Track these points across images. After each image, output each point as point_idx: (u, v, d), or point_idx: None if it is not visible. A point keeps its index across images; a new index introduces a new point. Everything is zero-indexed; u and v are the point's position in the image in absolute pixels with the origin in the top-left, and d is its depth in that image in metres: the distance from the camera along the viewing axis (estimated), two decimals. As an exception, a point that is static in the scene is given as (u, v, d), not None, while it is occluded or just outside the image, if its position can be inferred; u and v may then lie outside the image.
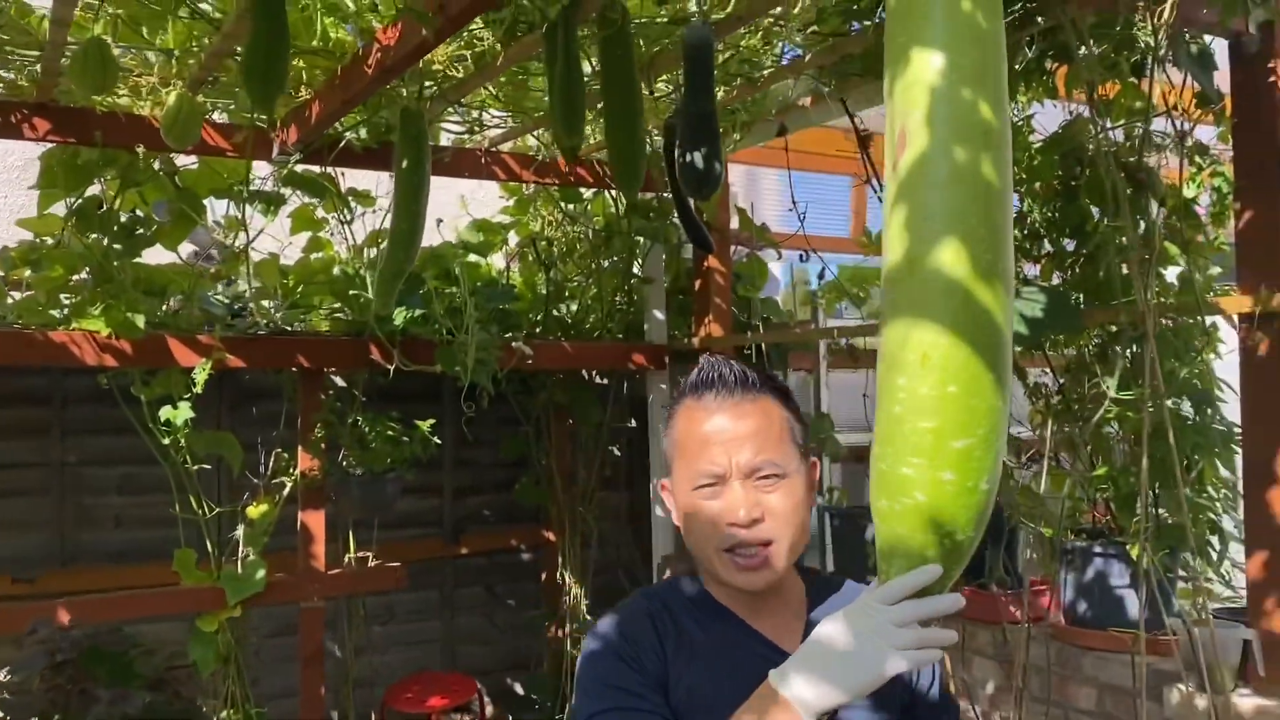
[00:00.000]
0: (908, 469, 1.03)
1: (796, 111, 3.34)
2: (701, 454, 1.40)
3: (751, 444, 1.38)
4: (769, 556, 1.37)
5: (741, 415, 1.40)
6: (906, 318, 1.04)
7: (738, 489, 1.37)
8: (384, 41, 2.50)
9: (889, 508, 1.07)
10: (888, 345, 1.07)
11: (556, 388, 4.70)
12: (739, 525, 1.36)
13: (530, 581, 5.13)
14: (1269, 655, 2.44)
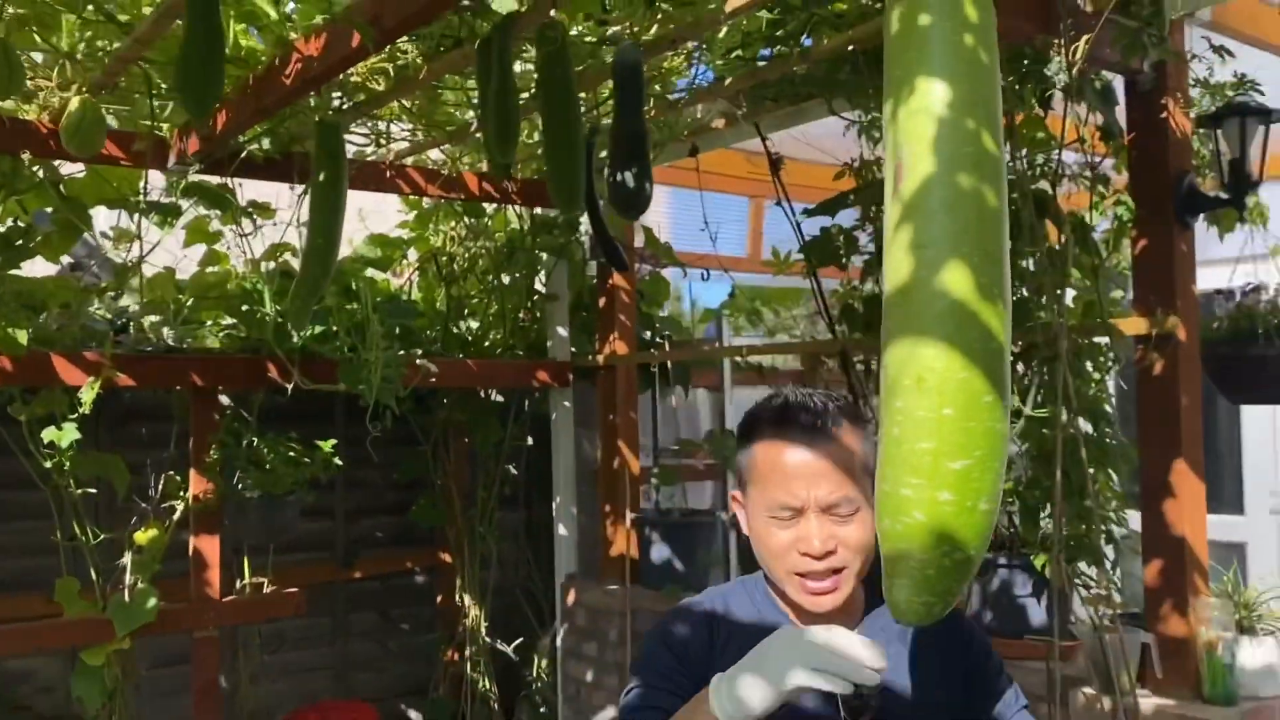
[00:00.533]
0: (907, 490, 1.05)
1: (709, 133, 3.39)
2: (781, 486, 1.43)
3: (829, 480, 1.41)
4: (838, 583, 1.43)
5: (822, 451, 1.42)
6: (906, 341, 1.07)
7: (813, 521, 1.41)
8: (306, 52, 2.42)
9: (891, 527, 1.09)
10: (889, 369, 1.09)
11: (455, 406, 4.62)
12: (812, 555, 1.41)
13: (425, 605, 5.02)
14: (1165, 657, 2.58)
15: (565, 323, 4.39)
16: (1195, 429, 2.63)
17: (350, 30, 2.25)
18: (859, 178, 3.09)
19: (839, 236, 3.07)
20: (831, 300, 3.43)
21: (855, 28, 2.55)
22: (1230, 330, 2.88)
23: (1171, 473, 2.59)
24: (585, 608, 4.28)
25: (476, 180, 3.92)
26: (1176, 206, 2.61)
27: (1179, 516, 2.59)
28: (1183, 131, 2.65)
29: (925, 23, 1.07)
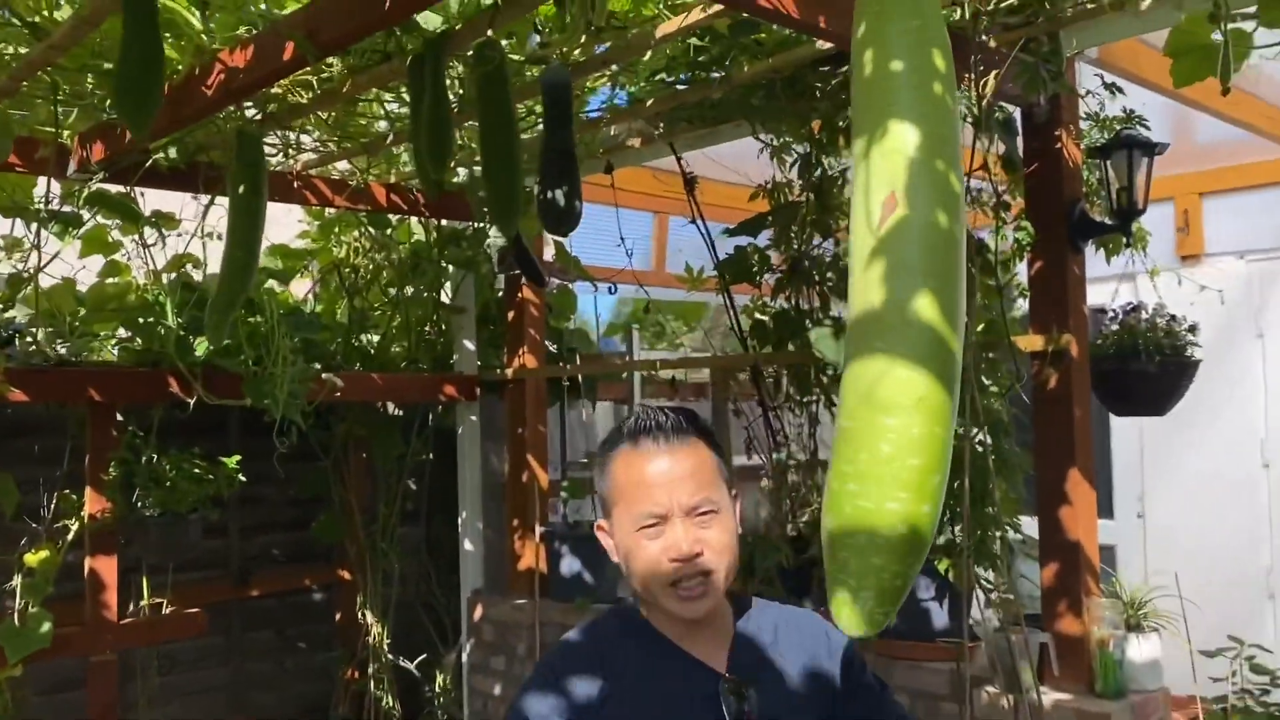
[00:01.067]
0: (894, 504, 1.11)
1: (624, 150, 3.44)
2: (643, 496, 1.48)
3: (689, 484, 1.48)
4: (709, 587, 1.47)
5: (678, 458, 1.49)
6: (885, 359, 1.13)
7: (679, 526, 1.46)
8: (231, 63, 2.38)
9: (870, 542, 1.14)
10: (860, 384, 1.15)
11: (356, 421, 4.56)
12: (681, 560, 1.45)
13: (323, 622, 4.93)
14: (1062, 655, 2.75)
15: (472, 336, 4.38)
16: (1087, 440, 2.81)
17: (281, 43, 2.23)
18: (773, 199, 3.20)
19: (754, 255, 3.16)
20: (741, 315, 3.52)
21: (775, 56, 2.65)
22: (1114, 347, 3.08)
23: (1066, 481, 2.76)
24: (492, 622, 4.27)
25: (385, 191, 3.89)
26: (1070, 231, 2.79)
27: (1073, 522, 2.76)
28: (1074, 161, 2.84)
29: (897, 68, 1.14)
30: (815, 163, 3.06)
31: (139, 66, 1.81)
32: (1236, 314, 4.86)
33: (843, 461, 1.11)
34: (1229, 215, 5.08)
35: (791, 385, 3.35)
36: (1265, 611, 4.93)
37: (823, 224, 3.11)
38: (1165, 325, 3.08)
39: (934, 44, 1.17)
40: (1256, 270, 5.02)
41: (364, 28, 2.10)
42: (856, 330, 1.17)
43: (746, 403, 3.77)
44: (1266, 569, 4.98)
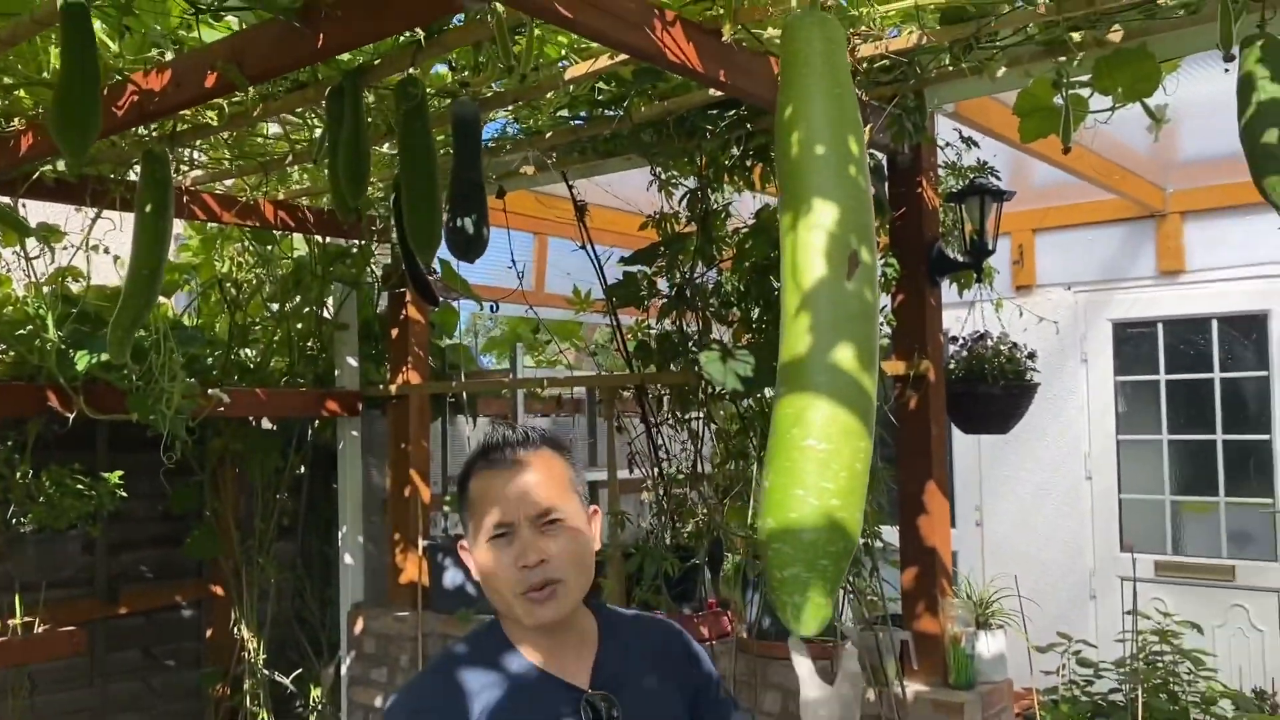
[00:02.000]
0: (859, 512, 1.32)
1: (515, 176, 3.58)
2: (492, 508, 1.53)
3: (535, 493, 1.53)
4: (556, 591, 1.51)
5: (525, 469, 1.55)
6: (803, 396, 1.33)
7: (526, 535, 1.50)
8: (146, 85, 2.42)
9: (844, 549, 1.32)
10: (785, 417, 1.35)
11: (232, 435, 4.53)
12: (529, 566, 1.49)
13: (191, 639, 4.85)
14: (920, 651, 3.03)
15: (355, 352, 4.43)
16: (942, 455, 3.12)
17: (203, 70, 2.29)
18: (661, 230, 3.40)
19: (644, 281, 3.35)
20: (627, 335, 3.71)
21: (670, 99, 2.85)
22: (964, 371, 3.41)
23: (925, 493, 3.05)
24: (374, 635, 4.32)
25: (273, 208, 3.91)
26: (929, 268, 3.09)
27: (930, 530, 3.05)
28: (933, 205, 3.14)
29: (820, 151, 1.35)
30: (702, 197, 3.27)
31: (81, 99, 1.85)
32: (1064, 340, 5.35)
33: (823, 479, 1.28)
34: (1058, 250, 5.59)
35: (674, 404, 3.55)
36: (1088, 610, 5.43)
37: (707, 254, 3.33)
38: (1008, 352, 3.43)
39: (850, 129, 1.38)
40: (1082, 300, 5.54)
41: (293, 62, 2.19)
42: (796, 371, 1.37)
43: (629, 418, 3.96)
44: (1090, 572, 5.48)
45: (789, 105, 1.39)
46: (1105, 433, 5.49)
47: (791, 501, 1.36)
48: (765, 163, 3.19)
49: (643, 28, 2.09)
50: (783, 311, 1.38)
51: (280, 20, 2.07)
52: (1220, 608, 5.12)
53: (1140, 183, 4.91)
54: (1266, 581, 5.04)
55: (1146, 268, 5.35)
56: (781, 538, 1.32)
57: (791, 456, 1.36)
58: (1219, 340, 5.25)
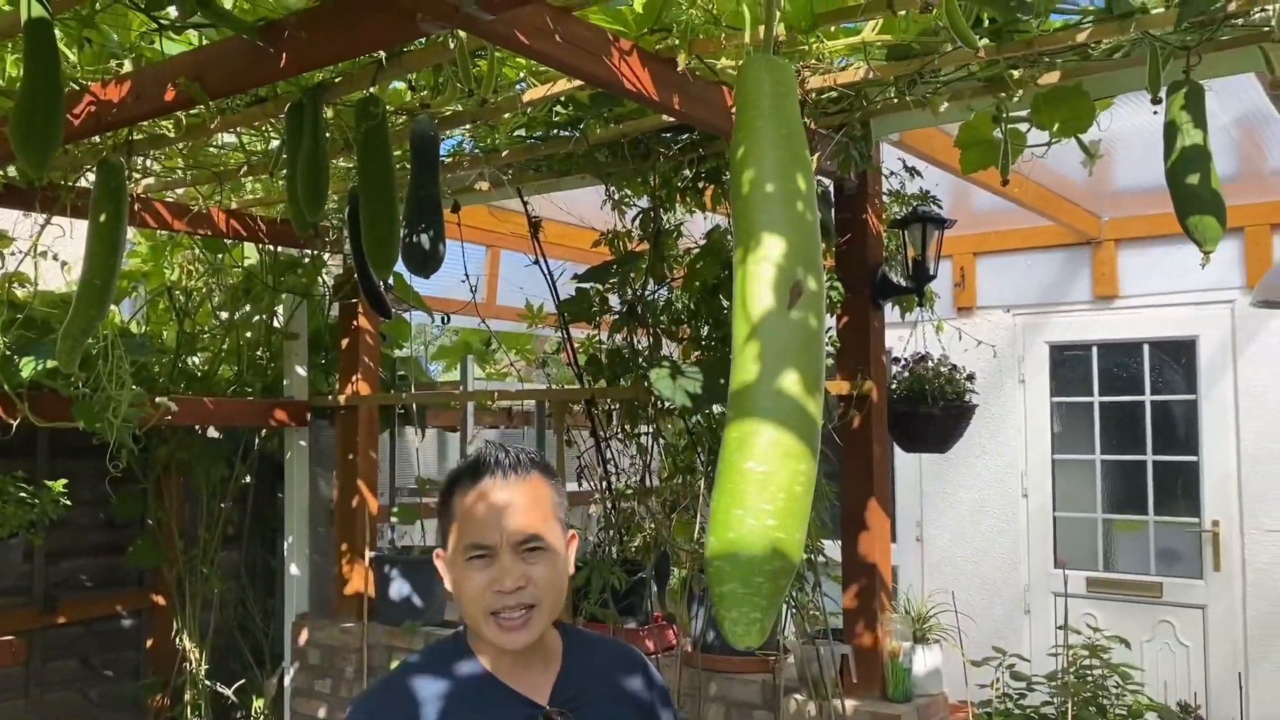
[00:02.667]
0: (799, 533, 1.37)
1: (471, 192, 3.62)
2: (476, 528, 1.54)
3: (520, 520, 1.53)
4: (529, 619, 1.53)
5: (513, 494, 1.55)
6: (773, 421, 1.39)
7: (506, 559, 1.51)
8: (104, 96, 2.43)
9: (782, 567, 1.38)
10: (733, 440, 1.41)
11: (177, 444, 4.50)
12: (505, 591, 1.51)
13: (131, 650, 4.80)
14: (860, 665, 3.11)
15: (304, 362, 4.42)
16: (884, 473, 3.21)
17: (163, 83, 2.31)
18: (613, 247, 3.46)
19: (596, 297, 3.41)
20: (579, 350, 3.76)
21: (625, 123, 2.91)
22: (905, 391, 3.51)
23: (866, 510, 3.14)
24: (318, 646, 4.31)
25: (225, 217, 3.91)
26: (872, 291, 3.18)
27: (871, 546, 3.14)
28: (877, 230, 3.24)
29: (770, 189, 1.41)
30: (655, 216, 3.34)
31: (43, 111, 1.86)
32: (1003, 361, 5.50)
33: (761, 500, 1.34)
34: (998, 273, 5.75)
35: (624, 418, 3.61)
36: (1023, 625, 5.57)
37: (658, 272, 3.40)
38: (948, 374, 3.53)
39: (799, 168, 1.45)
40: (1020, 322, 5.70)
41: (256, 80, 2.22)
42: (744, 396, 1.43)
43: (579, 432, 4.00)
44: (1024, 587, 5.63)
45: (741, 146, 1.46)
46: (1041, 452, 5.64)
47: (731, 521, 1.42)
48: (716, 185, 3.26)
49: (601, 57, 2.15)
50: (734, 341, 1.45)
51: (243, 38, 2.10)
52: (1148, 623, 5.28)
53: (1077, 210, 5.07)
54: (1192, 598, 5.22)
55: (1082, 292, 5.53)
56: (721, 555, 1.38)
57: (733, 478, 1.42)
58: (1150, 364, 5.43)
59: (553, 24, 2.02)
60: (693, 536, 3.41)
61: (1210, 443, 5.20)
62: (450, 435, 5.35)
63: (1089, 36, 2.28)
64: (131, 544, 4.56)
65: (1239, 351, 5.13)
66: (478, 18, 1.82)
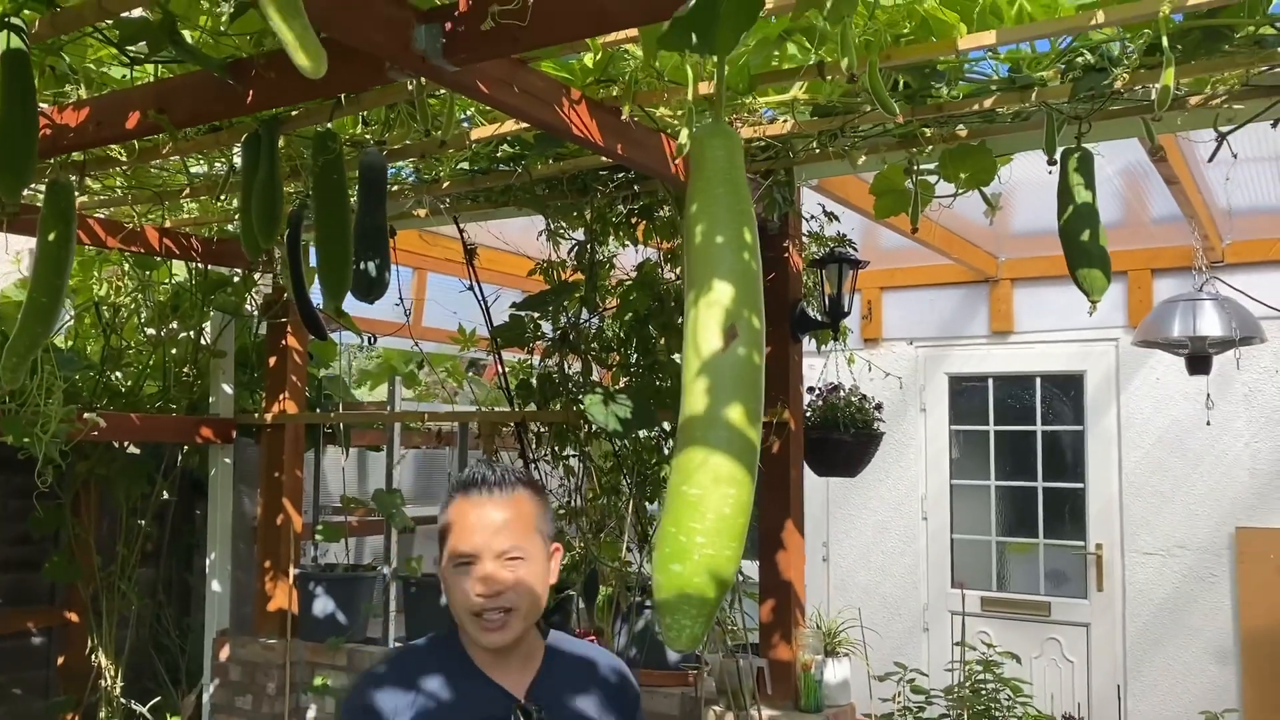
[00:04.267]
0: (729, 550, 1.53)
1: (409, 218, 3.73)
2: (463, 537, 1.75)
3: (503, 532, 1.74)
4: (507, 621, 1.73)
5: (497, 507, 1.77)
6: (700, 450, 1.56)
7: (488, 566, 1.72)
8: (60, 121, 2.49)
9: (706, 580, 1.54)
10: (696, 463, 1.57)
11: (99, 459, 4.47)
12: (485, 595, 1.71)
13: (39, 668, 4.73)
14: (775, 678, 3.29)
15: (231, 380, 4.45)
16: (800, 497, 3.41)
17: (124, 110, 2.38)
18: (548, 277, 3.61)
19: (530, 324, 3.55)
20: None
21: (566, 160, 3.07)
22: (819, 420, 3.72)
23: (783, 530, 3.33)
24: (239, 663, 4.32)
25: (158, 235, 3.94)
26: (792, 325, 3.39)
27: (787, 565, 3.33)
28: (797, 269, 3.45)
29: (720, 241, 1.59)
30: (590, 249, 3.50)
31: (18, 139, 1.94)
32: (906, 390, 5.80)
33: (692, 520, 1.51)
34: (903, 307, 6.06)
35: (553, 441, 3.75)
36: (922, 641, 5.86)
37: (591, 301, 3.55)
38: (858, 403, 3.76)
39: (745, 222, 1.63)
40: (922, 354, 6.01)
41: (219, 114, 2.32)
42: (688, 425, 1.59)
43: (507, 453, 4.12)
44: (923, 606, 5.92)
45: (695, 202, 1.64)
46: (940, 477, 5.95)
47: (667, 539, 1.59)
48: (649, 220, 3.44)
49: (553, 105, 2.31)
50: (684, 376, 1.61)
51: (209, 73, 2.20)
52: (1037, 640, 5.61)
53: (976, 251, 5.40)
54: (1077, 617, 5.57)
55: (980, 327, 5.87)
56: (660, 570, 1.55)
57: (673, 501, 1.59)
58: (1042, 396, 5.79)
59: (510, 75, 2.17)
60: (618, 555, 3.56)
61: (1095, 471, 5.56)
62: (372, 454, 5.41)
63: (994, 103, 2.52)
64: (44, 559, 4.51)
65: (1122, 386, 5.51)
66: (443, 68, 1.96)
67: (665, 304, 3.41)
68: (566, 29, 1.85)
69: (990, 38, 2.16)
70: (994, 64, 2.54)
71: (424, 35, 1.88)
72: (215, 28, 2.12)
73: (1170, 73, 2.07)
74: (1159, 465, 5.40)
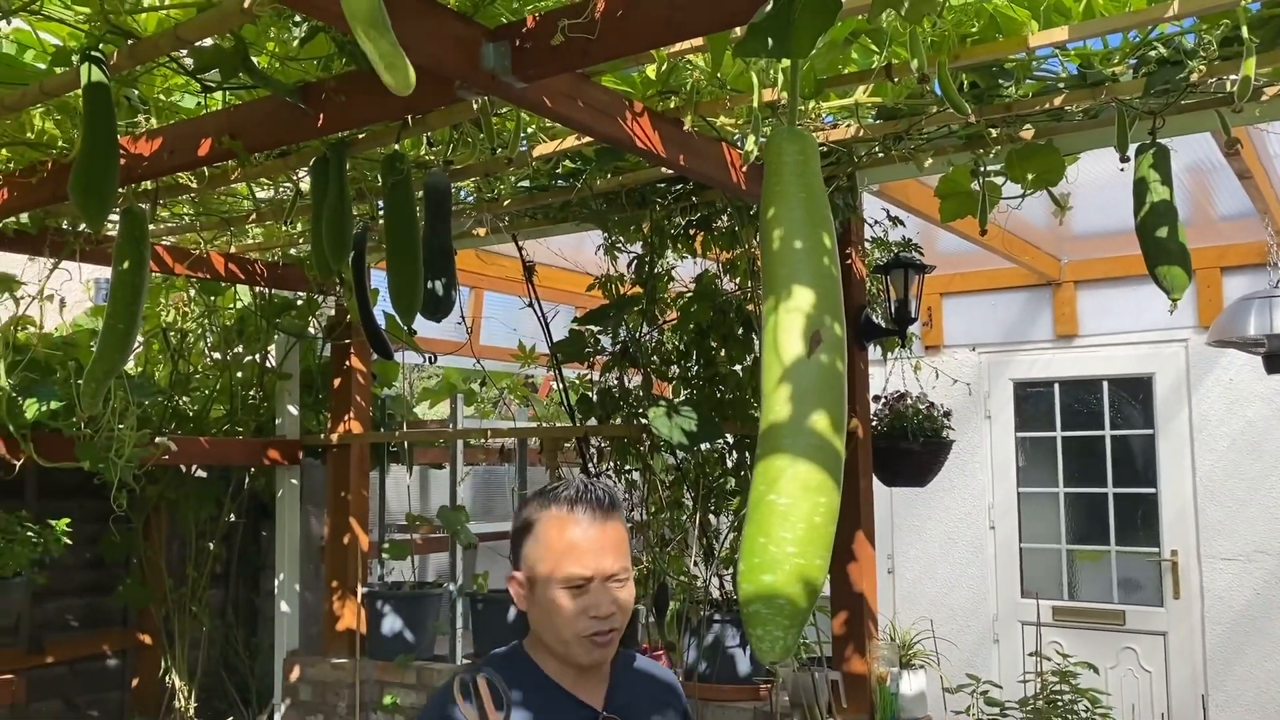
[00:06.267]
0: (819, 560, 1.51)
1: (468, 237, 3.75)
2: (573, 559, 1.74)
3: (612, 554, 1.75)
4: (612, 639, 1.76)
5: (607, 531, 1.78)
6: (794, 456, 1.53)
7: (600, 589, 1.73)
8: (134, 150, 2.54)
9: (801, 591, 1.52)
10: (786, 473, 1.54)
11: (168, 483, 4.55)
12: (600, 617, 1.72)
13: (115, 689, 4.80)
14: (849, 690, 3.25)
15: (296, 401, 4.50)
16: (870, 507, 3.36)
17: (196, 138, 2.43)
18: (607, 291, 3.61)
19: (591, 339, 3.55)
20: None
21: (626, 174, 3.07)
22: (886, 428, 3.67)
23: (854, 542, 3.29)
24: (310, 683, 4.36)
25: (223, 261, 4.00)
26: (857, 333, 3.36)
27: (859, 577, 3.28)
28: (861, 275, 3.42)
29: (799, 246, 1.57)
30: (649, 261, 3.50)
31: (101, 168, 1.98)
32: (969, 398, 5.71)
33: (782, 530, 1.49)
34: (963, 313, 5.98)
35: (615, 455, 3.74)
36: (992, 653, 5.74)
37: (650, 315, 3.55)
38: (926, 411, 3.71)
39: (823, 226, 1.61)
40: (985, 360, 5.92)
41: (290, 138, 2.35)
42: (772, 433, 1.57)
43: (567, 468, 4.12)
44: (993, 616, 5.81)
45: (771, 207, 1.62)
46: (1007, 485, 5.85)
47: (755, 548, 1.56)
48: (707, 232, 3.43)
49: (616, 118, 2.30)
50: (763, 384, 1.59)
51: (280, 98, 2.23)
52: (1112, 650, 5.47)
53: (1038, 254, 5.31)
54: (1154, 625, 5.43)
55: (1044, 332, 5.76)
56: (749, 580, 1.52)
57: (760, 510, 1.57)
58: (1109, 400, 5.67)
59: (575, 89, 2.17)
60: (684, 569, 3.54)
61: (1167, 475, 5.43)
62: (435, 472, 5.44)
63: (1063, 101, 2.47)
64: (117, 583, 4.59)
65: (1193, 388, 5.38)
66: (511, 85, 1.97)
67: (725, 315, 3.39)
68: (635, 40, 1.84)
69: (1062, 34, 2.12)
70: (1061, 61, 2.50)
71: (492, 53, 1.89)
72: (285, 53, 2.15)
73: (1250, 63, 2.02)
74: (1235, 468, 5.26)
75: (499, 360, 5.28)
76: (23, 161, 2.80)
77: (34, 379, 3.55)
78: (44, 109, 2.70)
